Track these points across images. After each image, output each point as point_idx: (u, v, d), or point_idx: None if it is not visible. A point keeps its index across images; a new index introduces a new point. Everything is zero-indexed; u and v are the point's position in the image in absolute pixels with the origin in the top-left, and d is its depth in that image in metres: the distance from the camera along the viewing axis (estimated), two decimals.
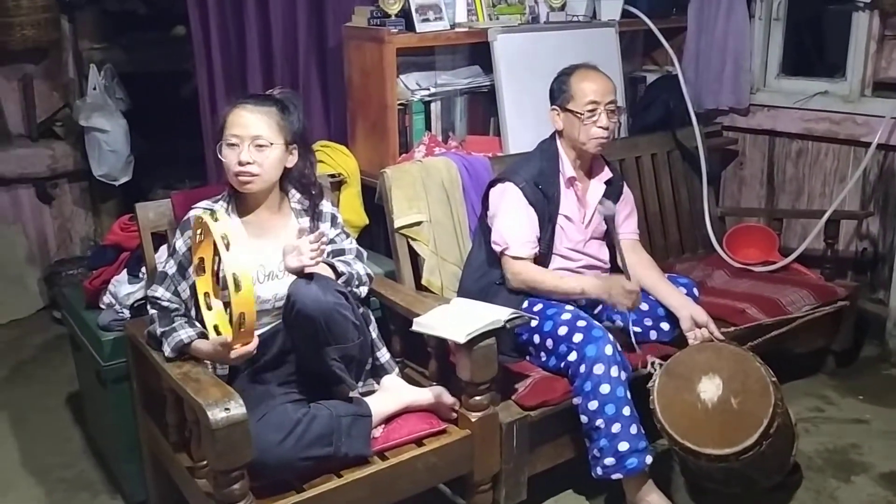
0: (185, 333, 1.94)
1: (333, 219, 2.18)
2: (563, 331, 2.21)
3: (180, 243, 2.03)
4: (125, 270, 2.41)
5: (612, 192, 2.52)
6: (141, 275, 2.36)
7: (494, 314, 2.05)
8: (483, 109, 3.10)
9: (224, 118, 2.01)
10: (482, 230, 2.53)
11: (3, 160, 3.73)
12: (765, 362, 2.16)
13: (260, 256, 2.03)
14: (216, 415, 1.64)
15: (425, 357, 2.26)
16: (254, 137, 1.97)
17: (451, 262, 2.61)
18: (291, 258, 1.93)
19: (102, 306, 2.43)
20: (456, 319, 2.05)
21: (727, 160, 3.65)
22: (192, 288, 2.02)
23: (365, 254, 2.22)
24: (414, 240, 2.56)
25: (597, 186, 2.49)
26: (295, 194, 2.14)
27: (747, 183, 3.63)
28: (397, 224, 2.52)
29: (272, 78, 2.97)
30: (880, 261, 3.21)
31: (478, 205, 2.67)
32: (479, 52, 3.07)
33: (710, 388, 2.15)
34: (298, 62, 2.98)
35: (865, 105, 3.11)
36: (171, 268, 2.03)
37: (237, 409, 1.66)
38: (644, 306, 2.42)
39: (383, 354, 2.16)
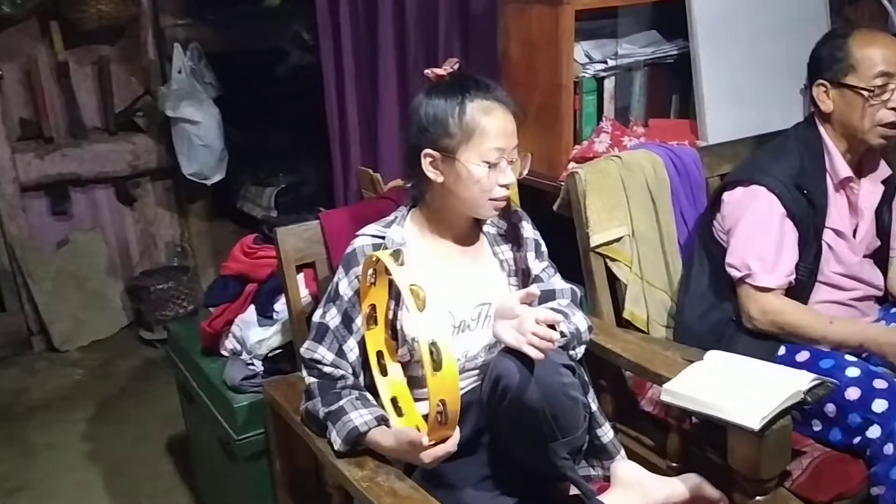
0: (359, 418, 1.41)
1: (538, 247, 1.62)
2: (853, 394, 1.60)
3: (345, 286, 1.49)
4: (252, 308, 1.88)
5: (890, 196, 1.89)
6: (275, 315, 1.83)
7: (785, 381, 1.45)
8: (665, 86, 2.48)
9: (465, 120, 1.45)
10: (703, 245, 1.93)
11: (79, 158, 3.26)
12: None
13: (448, 299, 1.48)
14: None
15: (636, 417, 1.71)
16: (514, 149, 1.48)
17: (658, 288, 2.02)
18: (507, 329, 1.36)
19: (225, 353, 1.92)
20: (723, 387, 1.47)
21: None
22: (361, 344, 1.48)
23: (580, 293, 1.64)
24: (613, 260, 1.98)
25: (872, 188, 1.87)
26: None
27: None
28: (596, 241, 1.94)
29: (405, 55, 2.39)
30: None
31: (689, 211, 2.06)
32: (660, 14, 2.44)
33: None
34: (438, 36, 2.39)
35: None
36: (334, 319, 1.49)
37: None
38: None
39: (606, 432, 1.59)
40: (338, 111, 2.30)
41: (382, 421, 1.42)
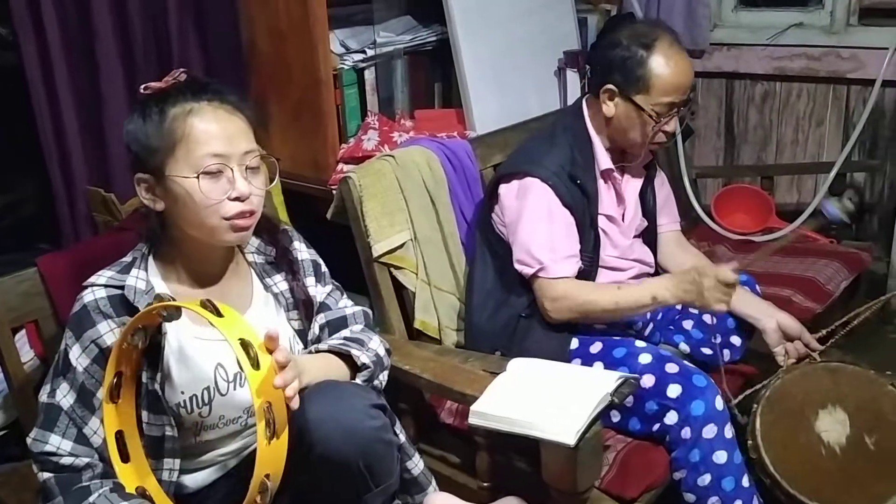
0: None
1: (317, 269, 1.42)
2: (648, 381, 1.60)
3: (77, 354, 1.19)
4: None
5: (651, 178, 1.92)
6: None
7: (592, 386, 1.39)
8: (427, 74, 2.37)
9: (166, 129, 1.19)
10: (485, 241, 1.85)
11: None
12: None
13: (217, 350, 1.24)
14: None
15: (437, 431, 1.62)
16: (245, 154, 1.20)
17: (446, 292, 1.91)
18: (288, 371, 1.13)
19: None
20: (531, 401, 1.38)
21: None
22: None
23: (371, 313, 1.46)
24: (398, 268, 1.83)
25: (636, 174, 1.88)
26: (252, 239, 1.34)
27: (702, 135, 3.17)
28: (379, 250, 1.77)
29: (131, 49, 2.03)
30: (867, 212, 2.90)
31: (467, 207, 1.97)
32: None
33: (833, 427, 1.66)
34: (169, 25, 2.06)
35: (853, 36, 2.72)
36: (67, 397, 1.19)
37: None
38: (710, 319, 1.87)
39: (416, 463, 1.45)
40: (51, 118, 1.90)
41: None
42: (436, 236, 1.89)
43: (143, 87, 1.24)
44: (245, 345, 1.05)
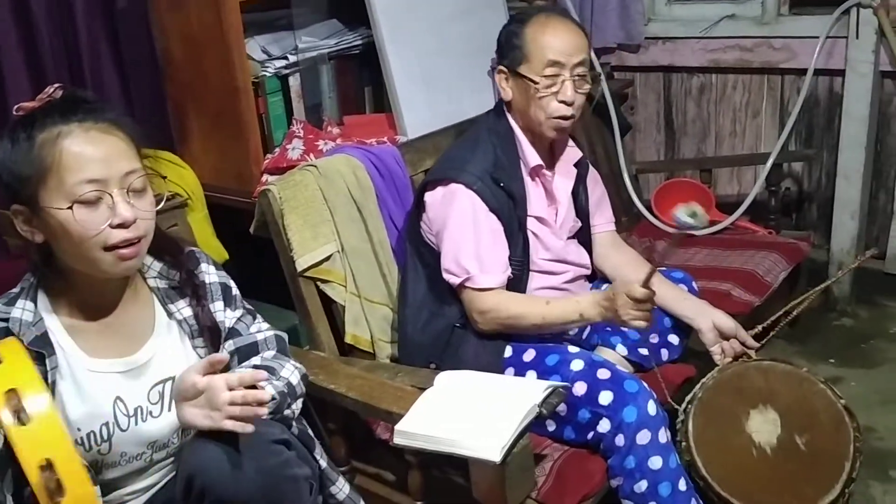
0: None
1: (226, 292, 1.34)
2: (580, 389, 1.56)
3: None
4: None
5: (583, 176, 1.89)
6: None
7: (519, 397, 1.35)
8: (355, 79, 2.31)
9: (35, 156, 1.10)
10: (415, 250, 1.80)
11: None
12: None
13: (115, 382, 1.16)
14: None
15: (373, 449, 1.57)
16: (126, 175, 1.12)
17: (378, 303, 1.85)
18: (194, 411, 1.08)
19: None
20: (458, 417, 1.33)
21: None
22: None
23: (286, 336, 1.40)
24: (326, 281, 1.76)
25: (565, 173, 1.84)
26: (153, 263, 1.27)
27: (641, 130, 3.17)
28: (303, 264, 1.70)
29: (40, 63, 1.93)
30: (806, 200, 2.91)
31: (398, 215, 1.92)
32: (338, 1, 2.26)
33: (764, 427, 1.65)
34: (78, 36, 1.96)
35: (784, 26, 2.72)
36: None
37: None
38: None
39: (341, 488, 1.39)
40: None
41: None
42: (364, 247, 1.83)
43: (15, 107, 1.15)
44: (11, 395, 0.95)
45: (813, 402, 1.65)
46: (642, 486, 1.52)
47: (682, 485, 1.55)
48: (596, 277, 1.97)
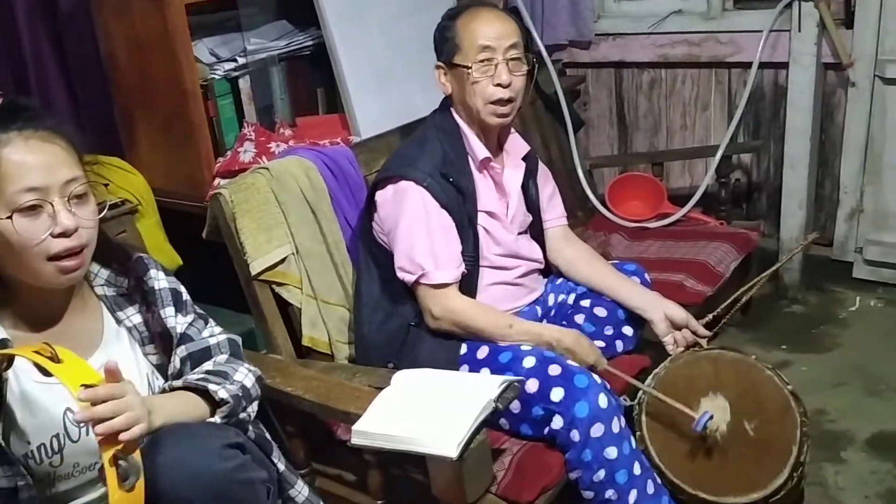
0: None
1: (177, 297, 1.32)
2: (532, 386, 1.57)
3: None
4: None
5: (532, 170, 1.91)
6: None
7: (475, 393, 1.36)
8: (307, 80, 2.30)
9: None
10: (368, 250, 1.80)
11: None
12: None
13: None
14: None
15: (333, 449, 1.56)
16: (67, 183, 1.10)
17: (334, 304, 1.84)
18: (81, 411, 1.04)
19: None
20: (414, 414, 1.34)
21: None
22: None
23: (240, 339, 1.39)
24: (281, 284, 1.76)
25: (514, 166, 1.86)
26: (100, 271, 1.25)
27: (595, 125, 3.20)
28: (257, 268, 1.70)
29: None
30: (756, 190, 2.98)
31: (352, 215, 1.92)
32: (286, 2, 2.25)
33: (714, 414, 1.67)
34: (21, 41, 1.92)
35: (730, 20, 2.78)
36: None
37: None
38: (601, 311, 1.88)
39: (300, 490, 1.38)
40: None
41: None
42: (319, 248, 1.83)
43: None
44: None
45: (761, 389, 1.68)
46: (601, 475, 1.54)
47: (636, 469, 1.58)
48: (550, 272, 1.99)
